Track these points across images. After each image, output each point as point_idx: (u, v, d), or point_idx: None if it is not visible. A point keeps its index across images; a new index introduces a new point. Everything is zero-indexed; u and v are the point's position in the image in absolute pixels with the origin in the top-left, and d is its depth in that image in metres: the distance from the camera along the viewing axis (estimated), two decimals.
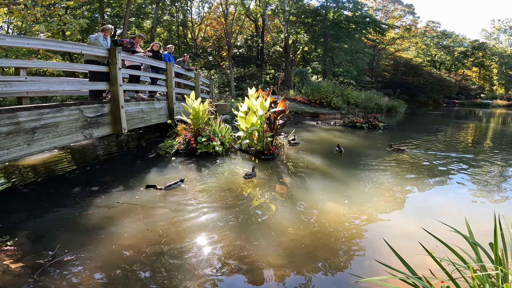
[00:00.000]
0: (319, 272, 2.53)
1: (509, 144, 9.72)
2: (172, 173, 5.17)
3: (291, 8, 26.44)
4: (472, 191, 4.54)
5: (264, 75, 30.78)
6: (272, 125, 6.62)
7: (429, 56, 45.93)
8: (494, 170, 5.90)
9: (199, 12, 30.99)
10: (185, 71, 9.23)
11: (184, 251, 2.80)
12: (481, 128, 15.19)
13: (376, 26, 29.03)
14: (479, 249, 1.65)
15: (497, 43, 49.20)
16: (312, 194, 4.21)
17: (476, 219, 3.39)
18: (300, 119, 14.69)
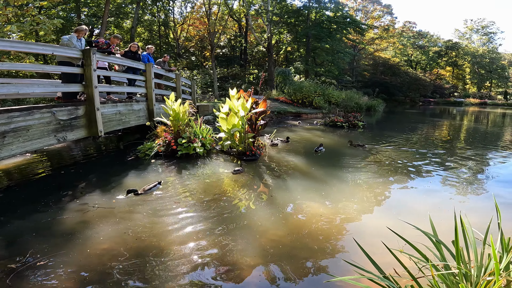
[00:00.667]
0: (296, 272, 2.57)
1: (481, 141, 10.23)
2: (152, 176, 5.08)
3: (274, 8, 26.58)
4: (446, 189, 4.74)
5: (247, 75, 30.79)
6: (254, 126, 6.64)
7: (406, 56, 47.51)
8: (467, 167, 6.19)
9: (181, 12, 30.56)
10: (166, 72, 9.09)
11: (163, 253, 2.78)
12: (455, 126, 15.89)
13: (356, 26, 29.70)
14: (446, 248, 1.73)
15: (469, 43, 51.52)
16: (292, 195, 4.26)
17: (448, 217, 3.54)
18: (283, 119, 14.81)
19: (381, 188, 4.65)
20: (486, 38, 51.02)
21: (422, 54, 47.12)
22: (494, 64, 48.68)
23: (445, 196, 4.36)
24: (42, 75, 13.55)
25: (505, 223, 3.30)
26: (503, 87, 50.96)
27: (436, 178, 5.28)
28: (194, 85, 11.19)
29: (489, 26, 50.82)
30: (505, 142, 10.04)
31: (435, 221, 1.87)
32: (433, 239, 1.64)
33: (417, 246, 1.84)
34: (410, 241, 1.78)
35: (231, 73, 29.89)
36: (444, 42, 49.64)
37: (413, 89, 39.69)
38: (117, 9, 22.84)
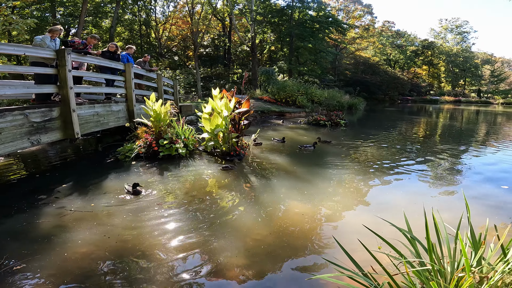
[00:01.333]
0: (279, 270, 2.59)
1: (455, 137, 10.68)
2: (133, 178, 4.96)
3: (258, 7, 26.60)
4: (424, 184, 4.91)
5: (231, 74, 30.65)
6: (237, 126, 6.61)
7: (385, 55, 48.88)
8: (444, 163, 6.44)
9: (163, 11, 29.99)
10: (146, 72, 8.89)
11: (145, 255, 2.74)
12: (431, 123, 16.50)
13: (338, 26, 30.25)
14: (421, 244, 1.78)
15: (444, 42, 53.57)
16: (276, 194, 4.28)
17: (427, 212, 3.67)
18: (267, 118, 14.84)
19: (362, 186, 4.76)
20: (460, 37, 53.23)
21: (400, 53, 48.62)
22: (467, 63, 50.88)
23: (422, 192, 4.51)
24: (16, 76, 12.95)
25: (478, 217, 3.47)
26: (476, 85, 53.41)
27: (414, 174, 5.45)
28: (177, 85, 11.02)
29: (463, 25, 53.06)
30: (479, 138, 10.52)
31: (414, 217, 1.94)
32: (408, 235, 1.69)
33: (396, 243, 1.89)
34: (390, 237, 1.83)
35: (214, 72, 29.66)
36: (421, 41, 51.40)
37: (392, 88, 40.94)
38: (95, 8, 22.14)
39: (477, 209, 3.74)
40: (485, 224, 3.19)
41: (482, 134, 11.76)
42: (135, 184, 4.21)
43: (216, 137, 6.32)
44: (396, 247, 1.93)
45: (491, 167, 5.93)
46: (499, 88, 52.52)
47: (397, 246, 1.94)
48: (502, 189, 4.52)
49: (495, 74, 53.59)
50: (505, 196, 4.23)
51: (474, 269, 1.29)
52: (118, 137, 7.89)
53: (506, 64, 65.60)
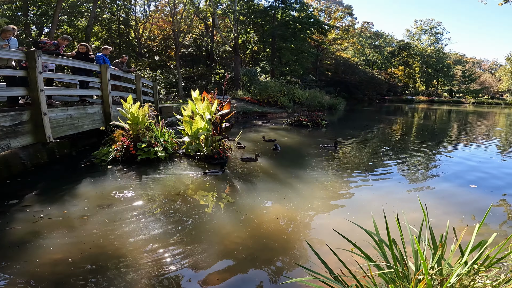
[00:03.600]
0: (257, 273, 2.62)
1: (429, 137, 11.14)
2: (110, 182, 4.84)
3: (241, 8, 26.53)
4: (398, 184, 5.08)
5: (213, 75, 30.43)
6: (218, 128, 6.58)
7: (364, 55, 50.19)
8: (418, 162, 6.70)
9: (144, 10, 29.28)
10: (124, 73, 8.66)
11: (122, 261, 2.70)
12: (407, 123, 17.13)
13: (320, 27, 30.76)
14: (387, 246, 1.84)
15: (419, 43, 55.66)
16: (256, 197, 4.30)
17: (400, 213, 3.81)
18: (249, 119, 14.86)
19: (340, 187, 4.86)
20: (434, 38, 55.50)
21: (378, 54, 50.10)
22: (440, 64, 53.17)
23: (397, 192, 4.66)
24: None
25: (446, 217, 3.64)
26: (448, 85, 55.95)
27: (390, 174, 5.65)
28: (156, 86, 10.80)
29: (437, 26, 55.35)
30: (451, 138, 11.03)
31: (388, 218, 2.00)
32: (375, 238, 1.75)
33: (368, 245, 1.96)
34: (364, 239, 1.88)
35: (196, 73, 29.32)
36: (397, 42, 53.16)
37: (371, 88, 42.14)
38: (71, 7, 21.32)
39: (446, 209, 3.92)
40: (454, 224, 3.37)
41: (455, 134, 12.34)
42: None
43: (198, 140, 6.25)
44: (369, 248, 2.00)
45: (462, 167, 6.21)
46: (470, 88, 55.28)
47: (369, 247, 2.01)
48: (471, 189, 4.75)
49: (466, 75, 56.34)
50: (473, 196, 4.44)
51: (432, 271, 1.36)
52: (94, 140, 7.65)
53: (476, 65, 69.18)
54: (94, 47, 20.51)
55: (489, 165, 6.42)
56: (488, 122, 18.52)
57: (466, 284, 1.34)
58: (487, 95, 54.54)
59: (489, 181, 5.16)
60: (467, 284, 1.34)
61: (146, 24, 28.77)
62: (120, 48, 25.72)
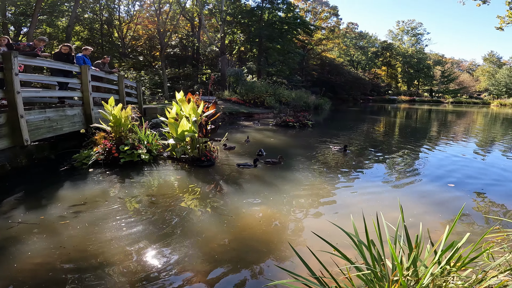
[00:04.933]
0: (242, 275, 2.63)
1: (411, 137, 11.46)
2: (91, 186, 4.72)
3: (228, 8, 26.42)
4: (381, 185, 5.18)
5: (200, 75, 30.17)
6: (204, 130, 6.53)
7: (349, 56, 51.06)
8: (401, 162, 6.87)
9: (128, 10, 28.66)
10: (106, 74, 8.46)
11: (103, 265, 2.67)
12: (390, 122, 17.56)
13: (306, 27, 31.08)
14: (366, 247, 1.88)
15: (401, 44, 57.16)
16: (242, 199, 4.28)
17: (383, 213, 3.89)
18: (235, 120, 14.83)
19: (325, 188, 4.90)
20: (415, 39, 57.13)
21: (362, 54, 51.06)
22: (421, 64, 54.82)
23: (379, 192, 4.74)
24: None
25: (425, 216, 3.75)
26: (428, 85, 57.76)
27: (373, 174, 5.76)
28: (140, 87, 10.60)
29: (418, 27, 57.01)
30: (432, 138, 11.39)
31: (371, 217, 2.05)
32: (355, 239, 1.78)
33: (350, 246, 1.99)
34: (345, 240, 1.91)
35: (182, 73, 29.00)
36: (381, 43, 54.38)
37: (355, 88, 42.92)
38: (50, 6, 20.63)
39: (425, 208, 4.02)
40: (432, 223, 3.48)
41: (435, 134, 12.74)
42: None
43: (184, 142, 6.17)
44: (350, 249, 2.03)
45: (441, 166, 6.41)
46: (449, 88, 57.25)
47: (350, 248, 2.04)
48: (449, 187, 4.90)
49: (445, 75, 58.30)
50: (451, 195, 4.57)
51: (406, 272, 1.40)
52: (75, 143, 7.43)
53: (455, 65, 71.69)
54: (75, 47, 19.93)
55: (467, 164, 6.65)
56: (467, 121, 19.24)
57: (439, 284, 1.39)
58: (465, 94, 56.65)
59: (466, 180, 5.32)
60: (441, 284, 1.38)
61: (130, 24, 28.23)
62: (102, 48, 25.11)
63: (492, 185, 5.11)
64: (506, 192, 4.72)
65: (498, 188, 4.95)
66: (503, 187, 5.02)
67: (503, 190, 4.85)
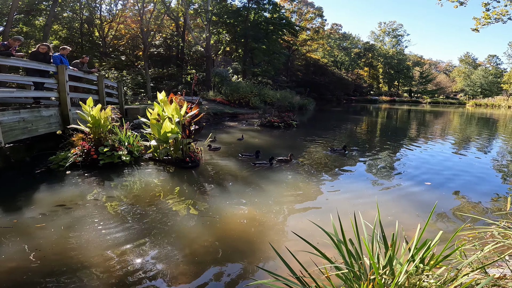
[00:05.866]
0: (226, 276, 2.62)
1: (392, 137, 11.78)
2: (68, 189, 4.58)
3: (214, 8, 26.20)
4: (364, 184, 5.27)
5: (184, 75, 29.76)
6: (187, 131, 6.44)
7: (333, 57, 51.84)
8: (383, 161, 7.03)
9: (110, 9, 27.86)
10: (84, 74, 8.20)
11: (81, 268, 2.61)
12: (372, 123, 17.98)
13: (291, 28, 31.31)
14: (345, 246, 1.89)
15: (382, 45, 58.67)
16: (226, 200, 4.25)
17: (363, 212, 3.96)
18: (220, 120, 14.74)
19: (308, 188, 4.93)
20: (395, 40, 58.79)
21: (346, 55, 51.98)
22: (401, 65, 56.47)
23: (361, 191, 4.81)
24: None
25: (403, 214, 3.86)
26: (408, 85, 59.58)
27: (355, 174, 5.87)
28: (121, 87, 10.33)
29: (398, 29, 58.68)
30: (411, 137, 11.74)
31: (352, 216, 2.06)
32: (334, 239, 1.80)
33: (331, 245, 2.01)
34: (327, 240, 1.91)
35: (166, 73, 28.52)
36: (363, 44, 55.57)
37: (339, 88, 43.66)
38: (28, 5, 19.81)
39: (404, 206, 4.13)
40: (409, 221, 3.57)
41: (414, 133, 13.15)
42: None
43: (167, 144, 6.05)
44: (331, 249, 2.05)
45: (419, 165, 6.58)
46: (427, 89, 59.28)
47: (331, 248, 2.06)
48: (426, 186, 5.05)
49: (424, 75, 60.31)
50: (427, 193, 4.69)
51: (382, 271, 1.43)
52: (52, 144, 7.16)
53: (433, 66, 74.33)
54: (52, 46, 19.21)
55: (444, 163, 6.87)
56: (444, 121, 19.98)
57: (414, 282, 1.42)
58: (442, 95, 58.83)
59: (442, 179, 5.50)
60: (415, 282, 1.41)
61: (112, 23, 27.48)
62: (82, 47, 24.33)
63: (467, 183, 5.30)
64: (480, 190, 4.89)
65: (472, 186, 5.14)
66: (477, 185, 5.21)
67: (478, 188, 5.02)
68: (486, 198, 4.48)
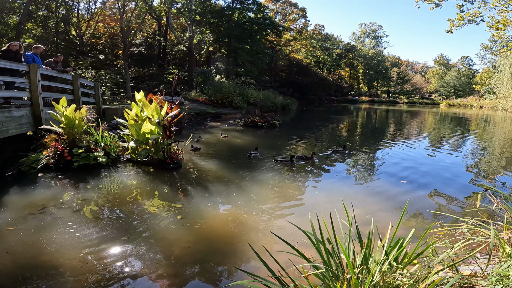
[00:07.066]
0: (206, 277, 2.59)
1: (371, 135, 12.08)
2: (39, 191, 4.40)
3: (197, 7, 25.83)
4: (344, 182, 5.36)
5: (166, 75, 29.22)
6: (167, 132, 6.30)
7: (315, 57, 52.56)
8: (363, 159, 7.18)
9: (89, 7, 26.85)
10: (58, 73, 7.87)
11: (55, 272, 2.51)
12: (352, 122, 18.40)
13: (275, 28, 31.46)
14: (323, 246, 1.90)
15: (362, 46, 60.22)
16: (207, 201, 4.19)
17: (341, 211, 4.01)
18: (202, 120, 14.58)
19: (290, 188, 4.93)
20: (375, 41, 60.55)
21: (328, 56, 52.83)
22: (380, 66, 58.21)
23: (341, 190, 4.87)
24: None
25: (379, 213, 3.94)
26: (386, 86, 61.53)
27: (336, 173, 5.94)
28: (99, 87, 9.97)
29: (378, 30, 60.45)
30: (389, 135, 12.10)
31: (333, 215, 2.09)
32: (312, 238, 1.80)
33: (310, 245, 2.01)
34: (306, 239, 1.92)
35: (147, 73, 27.89)
36: (345, 45, 56.72)
37: (321, 89, 44.34)
38: (1, 4, 18.85)
39: (381, 204, 4.21)
40: (385, 219, 3.66)
41: (392, 132, 13.56)
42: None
43: (147, 145, 5.89)
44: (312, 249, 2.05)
45: (396, 164, 6.77)
46: (404, 89, 61.46)
47: (311, 247, 2.07)
48: (401, 184, 5.20)
49: (401, 76, 62.49)
50: (403, 191, 4.81)
51: (357, 270, 1.44)
52: (25, 146, 6.81)
53: (409, 67, 77.03)
54: (25, 45, 18.35)
55: (419, 161, 7.11)
56: (419, 121, 20.75)
57: (388, 281, 1.44)
58: (418, 95, 61.16)
59: (417, 176, 5.67)
60: (390, 281, 1.43)
61: (91, 21, 26.55)
62: (57, 46, 23.35)
63: (440, 180, 5.47)
64: (453, 187, 5.07)
65: (445, 183, 5.31)
66: (450, 182, 5.39)
67: (451, 185, 5.20)
68: (459, 195, 4.65)
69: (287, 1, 40.58)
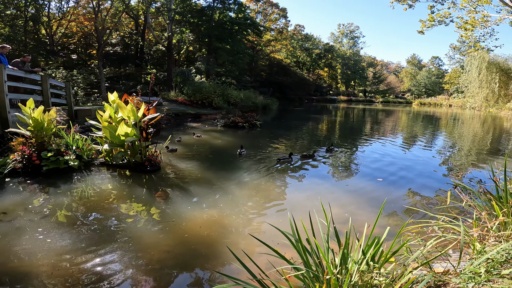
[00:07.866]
0: (185, 281, 2.55)
1: (349, 134, 12.38)
2: (5, 197, 4.14)
3: (177, 7, 25.26)
4: (323, 182, 5.42)
5: (144, 75, 28.42)
6: (144, 133, 6.10)
7: (295, 57, 53.22)
8: (339, 161, 7.31)
9: (60, 6, 25.51)
10: (26, 74, 7.43)
11: (23, 280, 2.39)
12: (331, 121, 18.79)
13: (256, 28, 31.47)
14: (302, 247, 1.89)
15: (340, 46, 61.71)
16: (187, 203, 4.10)
17: (326, 211, 4.05)
18: (182, 121, 14.31)
19: (271, 188, 4.93)
20: (352, 42, 62.22)
21: (307, 56, 53.66)
22: (357, 66, 59.99)
23: (321, 190, 4.90)
24: None
25: (358, 211, 4.01)
26: (362, 85, 63.54)
27: (316, 173, 6.01)
28: (70, 87, 9.51)
29: (355, 30, 62.16)
30: (366, 134, 12.46)
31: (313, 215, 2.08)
32: (292, 239, 1.79)
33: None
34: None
35: (123, 73, 27.00)
36: (324, 45, 57.85)
37: (301, 88, 44.95)
38: None
39: (359, 203, 4.27)
40: (363, 218, 3.73)
41: (368, 131, 13.97)
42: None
43: (123, 147, 5.66)
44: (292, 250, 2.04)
45: (373, 162, 6.93)
46: (380, 89, 63.71)
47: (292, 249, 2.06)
48: (378, 182, 5.34)
49: (377, 76, 64.75)
50: (380, 189, 4.93)
51: (336, 270, 1.45)
52: None
53: (384, 67, 79.86)
54: None
55: (394, 159, 7.32)
56: (394, 119, 21.55)
57: (367, 280, 1.45)
58: (393, 94, 63.62)
59: (392, 175, 5.84)
60: (368, 280, 1.44)
61: (62, 20, 25.30)
62: (26, 46, 22.09)
63: (414, 178, 5.65)
64: (426, 185, 5.22)
65: (419, 181, 5.47)
66: (423, 179, 5.57)
67: (424, 183, 5.35)
68: (431, 192, 4.81)
69: (268, 1, 40.80)
